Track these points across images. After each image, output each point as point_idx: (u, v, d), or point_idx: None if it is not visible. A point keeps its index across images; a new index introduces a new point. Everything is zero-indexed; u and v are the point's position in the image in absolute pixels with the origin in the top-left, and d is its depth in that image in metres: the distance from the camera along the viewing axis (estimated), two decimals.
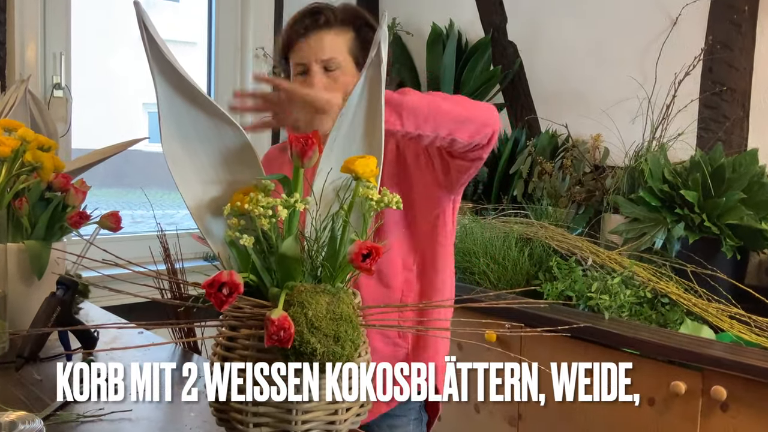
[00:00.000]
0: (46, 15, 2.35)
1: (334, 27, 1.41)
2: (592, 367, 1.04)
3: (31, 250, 1.53)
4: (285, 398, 0.93)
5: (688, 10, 2.24)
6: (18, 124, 1.48)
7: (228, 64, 2.87)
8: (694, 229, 1.93)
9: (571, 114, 2.53)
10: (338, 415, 0.98)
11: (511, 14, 2.76)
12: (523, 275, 2.17)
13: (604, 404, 1.83)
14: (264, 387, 0.93)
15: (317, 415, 0.97)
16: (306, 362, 0.91)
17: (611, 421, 1.80)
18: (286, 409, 0.95)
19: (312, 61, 1.39)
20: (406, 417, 1.47)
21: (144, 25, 0.88)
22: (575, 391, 1.03)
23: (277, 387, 0.93)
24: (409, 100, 1.18)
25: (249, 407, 0.95)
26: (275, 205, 0.95)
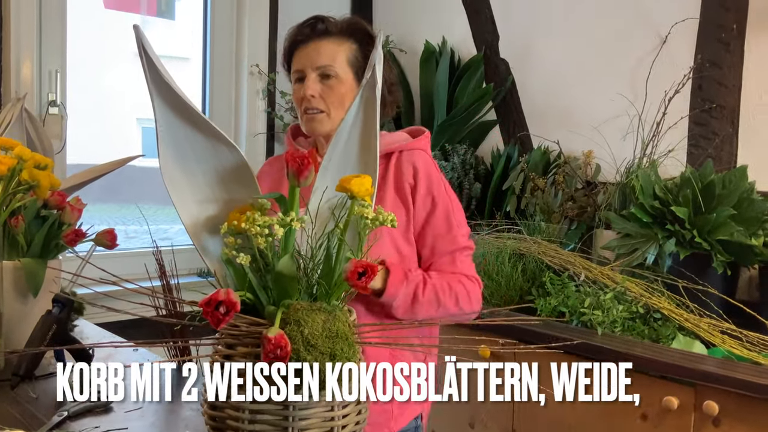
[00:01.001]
0: (41, 33, 2.36)
1: (334, 36, 1.44)
2: (592, 367, 1.05)
3: (26, 268, 1.53)
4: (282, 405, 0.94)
5: (677, 29, 2.28)
6: (15, 142, 1.49)
7: (223, 81, 2.89)
8: (685, 245, 1.95)
9: (563, 130, 2.56)
10: (334, 422, 0.98)
11: (503, 32, 2.79)
12: (517, 291, 2.18)
13: (598, 420, 1.85)
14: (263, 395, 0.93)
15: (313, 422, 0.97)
16: (302, 380, 0.92)
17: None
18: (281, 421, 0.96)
19: (308, 68, 1.42)
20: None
21: (144, 49, 0.89)
22: (575, 392, 1.04)
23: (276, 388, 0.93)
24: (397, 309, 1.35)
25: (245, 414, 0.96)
26: (272, 223, 0.97)
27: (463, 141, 2.76)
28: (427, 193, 1.43)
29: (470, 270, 1.47)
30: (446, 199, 1.45)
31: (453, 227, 1.44)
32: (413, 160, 1.44)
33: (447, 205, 1.44)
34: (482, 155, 2.81)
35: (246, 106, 2.88)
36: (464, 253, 1.47)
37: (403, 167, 1.44)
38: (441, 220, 1.44)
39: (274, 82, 2.89)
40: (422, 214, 1.44)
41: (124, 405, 1.28)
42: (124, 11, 2.69)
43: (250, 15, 2.85)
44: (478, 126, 2.83)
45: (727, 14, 2.19)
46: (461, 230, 1.46)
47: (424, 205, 1.43)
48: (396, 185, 1.43)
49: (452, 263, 1.44)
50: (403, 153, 1.46)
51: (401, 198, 1.43)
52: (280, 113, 2.92)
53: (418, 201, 1.43)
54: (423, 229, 1.44)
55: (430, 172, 1.45)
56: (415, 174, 1.43)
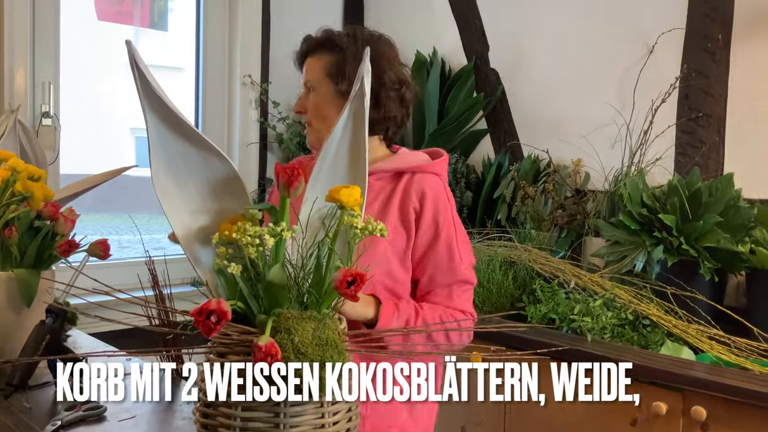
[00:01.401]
0: (35, 44, 2.38)
1: (315, 52, 1.49)
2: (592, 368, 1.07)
3: (20, 279, 1.54)
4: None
5: (664, 39, 2.31)
6: (8, 154, 1.50)
7: (216, 91, 2.90)
8: (673, 252, 1.98)
9: (553, 139, 2.58)
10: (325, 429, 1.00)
11: (493, 42, 2.82)
12: (508, 298, 2.20)
13: (588, 424, 1.86)
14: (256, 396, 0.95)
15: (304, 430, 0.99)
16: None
17: None
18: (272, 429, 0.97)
19: (311, 79, 1.49)
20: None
21: (135, 63, 0.91)
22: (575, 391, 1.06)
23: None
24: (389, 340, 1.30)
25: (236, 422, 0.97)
26: (262, 233, 0.98)
27: (455, 150, 2.79)
28: (432, 221, 1.40)
29: (466, 305, 1.43)
30: (451, 229, 1.41)
31: (455, 259, 1.40)
32: (423, 185, 1.41)
33: (451, 235, 1.41)
34: (473, 164, 2.84)
35: (239, 116, 2.90)
36: (463, 287, 1.43)
37: (411, 190, 1.41)
38: (443, 250, 1.40)
39: (266, 92, 2.91)
40: (424, 241, 1.40)
41: (118, 414, 1.29)
42: (118, 23, 2.70)
43: (243, 26, 2.87)
44: (469, 135, 2.85)
45: (713, 25, 2.23)
46: (463, 263, 1.42)
47: (427, 233, 1.40)
48: (401, 207, 1.41)
49: (449, 297, 1.41)
50: (415, 175, 1.43)
51: (404, 221, 1.40)
52: (272, 123, 2.94)
53: (421, 227, 1.40)
54: (423, 257, 1.41)
55: (438, 198, 1.42)
56: (422, 199, 1.41)
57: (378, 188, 1.44)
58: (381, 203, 1.42)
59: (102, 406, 1.28)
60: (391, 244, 1.38)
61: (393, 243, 1.39)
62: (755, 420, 1.57)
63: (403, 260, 1.40)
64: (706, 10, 2.24)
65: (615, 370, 1.08)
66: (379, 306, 1.33)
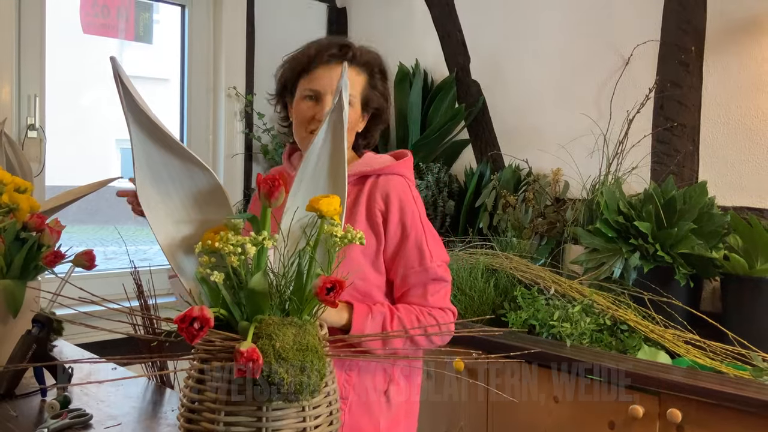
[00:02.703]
0: (20, 58, 2.40)
1: (357, 65, 1.46)
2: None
3: (6, 289, 1.56)
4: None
5: (639, 51, 2.37)
6: None
7: (200, 102, 2.93)
8: (649, 259, 2.02)
9: (532, 149, 2.63)
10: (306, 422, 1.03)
11: (474, 54, 2.87)
12: (489, 305, 2.24)
13: (567, 427, 1.89)
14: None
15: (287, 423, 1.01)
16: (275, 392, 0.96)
17: None
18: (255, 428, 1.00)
19: (329, 91, 1.42)
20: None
21: (120, 79, 0.94)
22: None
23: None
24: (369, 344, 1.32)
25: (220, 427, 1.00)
26: (244, 242, 1.02)
27: (437, 160, 2.83)
28: (398, 222, 1.41)
29: (443, 302, 1.43)
30: (419, 228, 1.42)
31: (425, 258, 1.41)
32: (387, 186, 1.42)
33: (419, 234, 1.42)
34: (456, 173, 2.88)
35: (223, 128, 2.93)
36: (438, 285, 1.43)
37: (376, 192, 1.42)
38: (413, 250, 1.41)
39: (251, 103, 2.95)
40: (393, 242, 1.41)
41: (104, 421, 1.31)
42: (103, 36, 2.73)
43: (227, 38, 2.90)
44: (452, 145, 2.90)
45: (686, 37, 2.28)
46: (435, 261, 1.42)
47: (395, 234, 1.41)
48: (367, 210, 1.42)
49: (423, 296, 1.41)
50: (379, 177, 1.44)
51: (371, 224, 1.41)
52: (257, 134, 2.97)
53: (389, 229, 1.41)
54: (394, 257, 1.42)
55: (403, 199, 1.42)
56: (386, 200, 1.41)
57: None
58: (347, 208, 1.41)
59: (88, 413, 1.30)
60: (362, 249, 1.39)
61: (363, 249, 1.39)
62: (729, 422, 1.61)
63: (375, 263, 1.41)
64: (680, 23, 2.29)
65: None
66: (351, 312, 1.34)
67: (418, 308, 1.41)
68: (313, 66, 1.43)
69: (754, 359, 1.79)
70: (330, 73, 1.43)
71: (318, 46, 1.46)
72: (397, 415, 1.48)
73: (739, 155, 2.21)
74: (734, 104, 2.21)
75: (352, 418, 1.41)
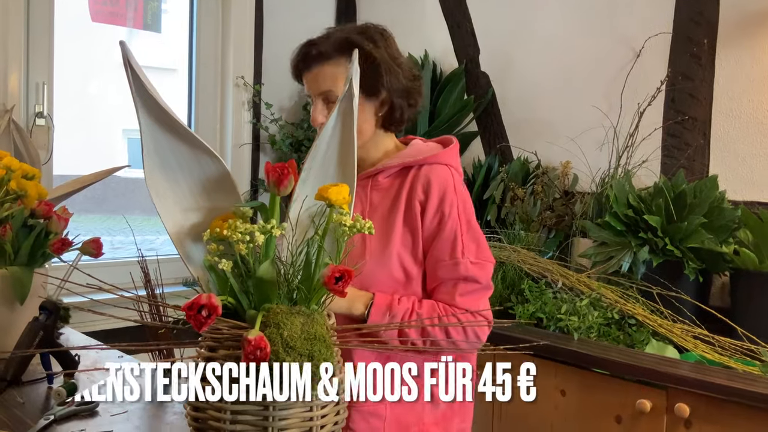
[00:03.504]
0: (29, 45, 2.40)
1: (331, 58, 1.39)
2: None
3: (13, 276, 1.56)
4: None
5: (650, 43, 2.35)
6: (3, 153, 1.52)
7: (208, 92, 2.92)
8: (658, 253, 2.01)
9: (541, 141, 2.62)
10: (313, 422, 1.02)
11: (483, 46, 2.85)
12: (497, 297, 2.23)
13: (573, 422, 1.89)
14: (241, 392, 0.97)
15: (292, 422, 1.01)
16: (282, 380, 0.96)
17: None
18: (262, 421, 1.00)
19: (314, 94, 1.42)
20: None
21: (129, 63, 0.94)
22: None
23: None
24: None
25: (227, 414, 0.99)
26: (252, 230, 1.01)
27: None
28: (436, 211, 1.35)
29: (474, 305, 1.33)
30: (456, 222, 1.34)
31: (456, 252, 1.33)
32: (429, 175, 1.36)
33: (455, 226, 1.34)
34: (464, 165, 2.85)
35: (231, 117, 2.92)
36: (470, 286, 1.34)
37: (417, 183, 1.36)
38: (446, 243, 1.34)
39: (259, 93, 2.93)
40: (429, 232, 1.35)
41: (110, 409, 1.31)
42: (111, 24, 2.72)
43: (236, 28, 2.89)
44: (460, 137, 2.88)
45: (699, 29, 2.26)
46: (467, 257, 1.33)
47: (431, 224, 1.35)
48: (407, 203, 1.37)
49: (452, 294, 1.33)
50: (422, 167, 1.38)
51: (410, 217, 1.36)
52: (265, 124, 2.96)
53: (426, 219, 1.35)
54: (429, 249, 1.36)
55: (445, 188, 1.35)
56: (427, 190, 1.35)
57: (386, 186, 1.40)
58: (390, 202, 1.38)
59: (94, 401, 1.30)
60: (402, 242, 1.36)
61: (403, 240, 1.36)
62: (738, 417, 1.60)
63: (414, 255, 1.36)
64: (692, 15, 2.27)
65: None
66: (371, 302, 1.32)
67: (444, 307, 1.33)
68: (300, 74, 1.45)
69: (763, 355, 1.78)
70: (309, 78, 1.43)
71: (294, 54, 1.45)
72: (445, 411, 1.41)
73: (751, 149, 2.19)
74: (746, 98, 2.19)
75: (393, 412, 1.36)
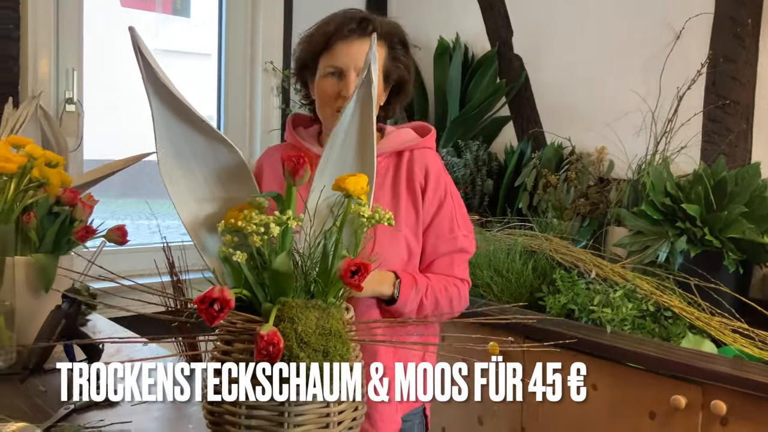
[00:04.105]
0: (59, 32, 2.40)
1: (382, 39, 1.42)
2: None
3: (38, 264, 1.56)
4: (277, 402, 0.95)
5: (691, 24, 2.25)
6: (26, 140, 1.52)
7: (237, 77, 2.91)
8: (696, 243, 1.93)
9: (576, 126, 2.54)
10: (330, 418, 0.99)
11: (517, 28, 2.78)
12: (527, 288, 2.18)
13: (606, 418, 1.84)
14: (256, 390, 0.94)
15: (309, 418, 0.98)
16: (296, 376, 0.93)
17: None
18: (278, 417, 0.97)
19: (351, 68, 1.39)
20: (411, 422, 1.49)
21: (139, 50, 0.91)
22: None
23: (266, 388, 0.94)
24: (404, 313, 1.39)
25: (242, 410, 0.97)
26: (268, 222, 0.98)
27: (476, 137, 2.76)
28: (435, 194, 1.45)
29: (465, 273, 1.50)
30: (451, 201, 1.47)
31: (454, 228, 1.47)
32: (426, 160, 1.46)
33: (451, 206, 1.47)
34: (495, 151, 2.80)
35: (260, 103, 2.90)
36: (463, 256, 1.49)
37: (415, 167, 1.45)
38: (445, 220, 1.46)
39: (288, 78, 2.91)
40: (430, 213, 1.46)
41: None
42: (141, 9, 2.72)
43: (265, 12, 2.87)
44: (492, 122, 2.82)
45: (742, 8, 2.16)
46: (461, 231, 1.48)
47: (432, 205, 1.45)
48: (408, 184, 1.45)
49: (450, 265, 1.47)
50: (414, 152, 1.48)
51: (412, 197, 1.45)
52: (294, 110, 2.94)
53: (426, 201, 1.45)
54: (428, 227, 1.47)
55: (439, 173, 1.47)
56: (426, 174, 1.45)
57: (384, 168, 1.46)
58: (391, 182, 1.45)
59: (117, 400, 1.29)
60: (405, 222, 1.43)
61: (407, 220, 1.43)
62: None
63: (416, 234, 1.45)
64: None
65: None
66: (396, 282, 1.36)
67: (445, 277, 1.46)
68: (333, 42, 1.40)
69: None
70: (350, 49, 1.39)
71: (336, 21, 1.42)
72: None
73: None
74: None
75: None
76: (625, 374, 1.79)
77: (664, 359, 1.71)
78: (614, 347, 1.80)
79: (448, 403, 1.65)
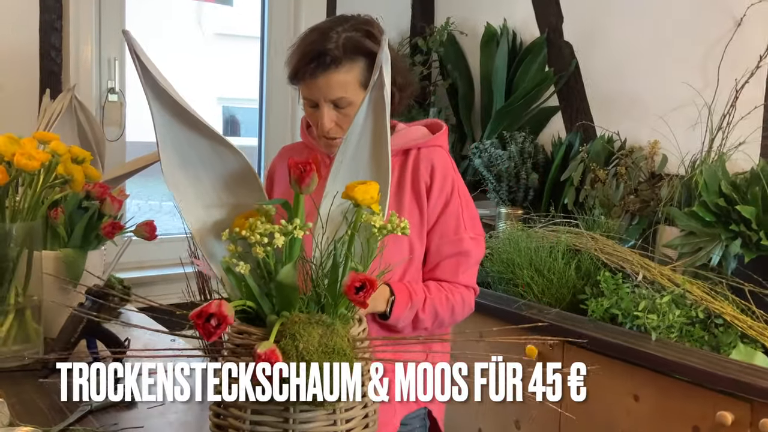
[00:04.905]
0: (101, 21, 2.41)
1: (343, 64, 1.34)
2: None
3: (66, 258, 1.57)
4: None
5: (753, 11, 2.10)
6: (53, 136, 1.51)
7: (280, 65, 2.85)
8: (752, 247, 1.81)
9: (628, 119, 2.42)
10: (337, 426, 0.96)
11: (568, 14, 2.65)
12: (569, 289, 2.08)
13: (648, 429, 1.75)
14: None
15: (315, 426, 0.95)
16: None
17: None
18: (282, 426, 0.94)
19: (321, 100, 1.36)
20: (410, 425, 1.45)
21: (135, 54, 0.87)
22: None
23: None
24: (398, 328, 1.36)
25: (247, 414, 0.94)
26: (272, 231, 0.94)
27: (522, 128, 2.65)
28: (440, 193, 1.42)
29: (471, 280, 1.45)
30: (457, 200, 1.44)
31: (460, 229, 1.43)
32: (432, 158, 1.43)
33: (458, 206, 1.43)
34: (542, 143, 2.70)
35: None
36: (469, 261, 1.43)
37: (420, 165, 1.43)
38: (450, 220, 1.42)
39: None
40: (435, 212, 1.43)
41: (148, 401, 1.29)
42: None
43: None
44: (539, 113, 2.71)
45: None
46: (468, 233, 1.43)
47: (437, 204, 1.42)
48: (413, 184, 1.42)
49: (455, 271, 1.42)
50: (421, 150, 1.44)
51: (417, 197, 1.42)
52: None
53: (431, 200, 1.42)
54: (432, 227, 1.43)
55: (446, 171, 1.44)
56: (432, 173, 1.42)
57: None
58: (395, 181, 1.42)
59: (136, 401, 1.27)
60: (409, 222, 1.36)
61: (410, 220, 1.38)
62: None
63: (420, 235, 1.42)
64: None
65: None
66: (391, 299, 1.33)
67: (447, 286, 1.42)
68: (300, 77, 1.36)
69: None
70: (316, 84, 1.34)
71: (299, 53, 1.36)
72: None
73: None
74: None
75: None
76: (669, 385, 1.70)
77: (710, 372, 1.61)
78: (658, 357, 1.70)
79: (485, 405, 1.60)
